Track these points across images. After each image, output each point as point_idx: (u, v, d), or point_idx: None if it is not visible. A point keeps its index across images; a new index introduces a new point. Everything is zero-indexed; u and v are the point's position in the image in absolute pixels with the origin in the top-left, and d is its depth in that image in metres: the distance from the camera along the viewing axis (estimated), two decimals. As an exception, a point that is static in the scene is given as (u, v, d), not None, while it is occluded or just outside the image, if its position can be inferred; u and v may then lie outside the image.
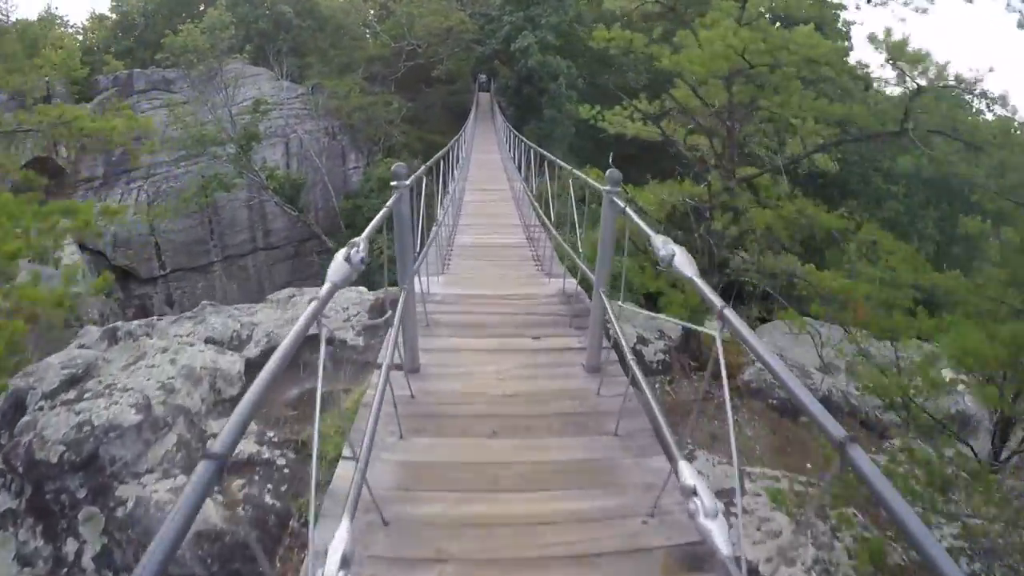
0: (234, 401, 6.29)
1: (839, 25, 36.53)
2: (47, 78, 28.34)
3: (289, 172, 25.63)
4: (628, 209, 3.46)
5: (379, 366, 3.63)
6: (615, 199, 3.71)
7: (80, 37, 43.61)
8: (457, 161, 13.63)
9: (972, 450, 6.20)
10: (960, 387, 6.15)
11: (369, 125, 28.85)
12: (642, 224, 3.03)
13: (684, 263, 2.37)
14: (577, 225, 6.01)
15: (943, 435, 6.17)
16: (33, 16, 46.29)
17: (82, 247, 27.43)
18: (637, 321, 9.80)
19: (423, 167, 5.17)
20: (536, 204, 8.96)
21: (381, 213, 3.16)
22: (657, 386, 8.33)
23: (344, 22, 38.30)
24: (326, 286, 2.02)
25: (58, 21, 45.66)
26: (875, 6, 9.74)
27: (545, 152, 8.95)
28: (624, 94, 34.92)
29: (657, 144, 35.13)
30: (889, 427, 9.00)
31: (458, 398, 3.95)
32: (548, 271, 7.22)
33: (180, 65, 26.59)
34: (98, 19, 46.22)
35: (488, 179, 16.74)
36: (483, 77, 39.02)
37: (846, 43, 36.94)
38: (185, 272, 27.62)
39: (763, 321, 34.34)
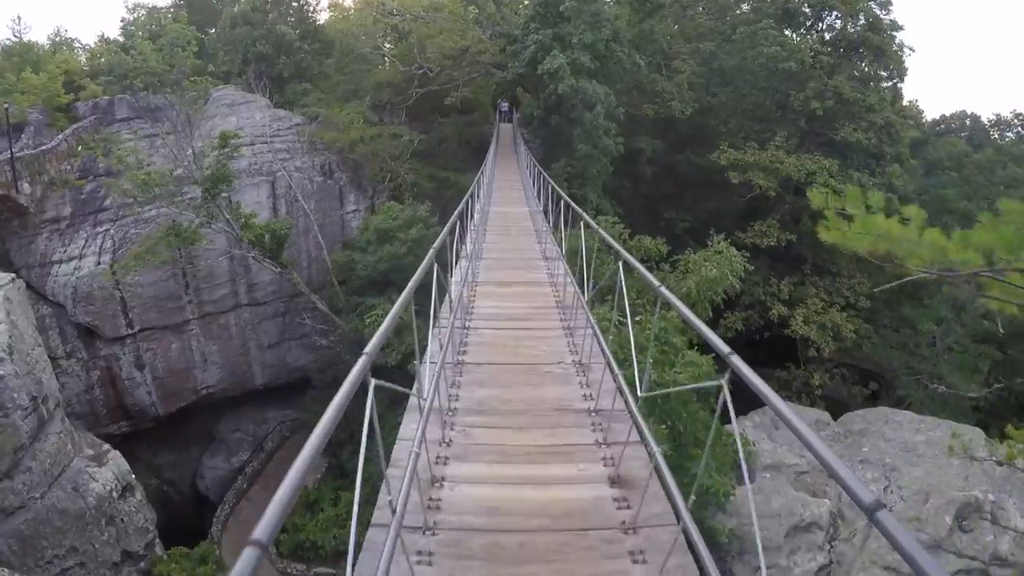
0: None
1: (895, 45, 32.53)
2: (7, 104, 24.78)
3: (272, 220, 21.52)
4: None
5: None
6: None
7: (87, 60, 40.93)
8: (464, 237, 9.45)
9: None
10: None
11: (373, 161, 24.81)
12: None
13: None
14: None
15: None
16: (43, 39, 44.13)
17: (39, 296, 23.88)
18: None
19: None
20: (623, 384, 4.47)
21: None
22: None
23: (353, 46, 34.77)
24: None
25: (75, 43, 43.33)
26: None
27: (636, 266, 4.87)
28: (664, 126, 30.94)
29: (700, 182, 30.95)
30: None
31: None
32: None
33: (130, 91, 22.83)
34: (105, 43, 43.77)
35: (513, 256, 11.72)
36: (504, 106, 35.12)
37: (902, 62, 32.91)
38: (156, 331, 23.73)
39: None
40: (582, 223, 8.22)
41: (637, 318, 11.22)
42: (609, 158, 25.22)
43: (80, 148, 27.58)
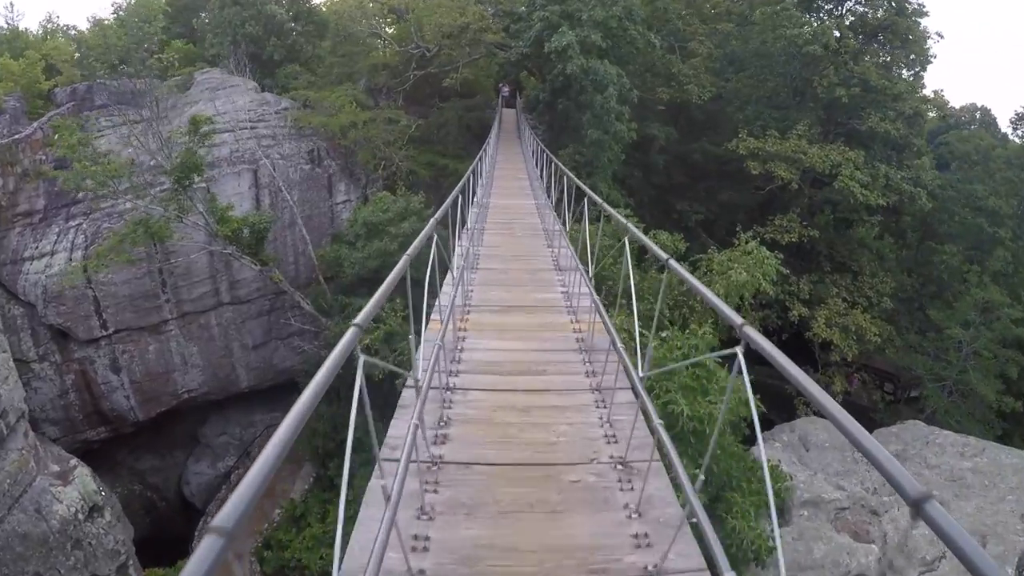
0: None
1: (920, 31, 30.32)
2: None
3: (253, 212, 19.64)
4: None
5: None
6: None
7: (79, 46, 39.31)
8: (453, 241, 7.23)
9: None
10: None
11: (365, 147, 22.92)
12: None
13: None
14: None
15: None
16: (34, 25, 42.60)
17: (10, 295, 22.34)
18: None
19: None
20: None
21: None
22: None
23: (350, 28, 32.86)
24: None
25: (70, 30, 41.64)
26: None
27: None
28: (676, 112, 29.03)
29: (715, 172, 28.96)
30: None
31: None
32: None
33: (85, 71, 21.06)
34: (98, 27, 42.12)
35: (517, 266, 8.98)
36: (506, 90, 33.04)
37: (926, 50, 30.72)
38: (132, 332, 22.10)
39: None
40: (615, 227, 6.33)
41: (663, 333, 9.44)
42: (621, 145, 23.24)
43: (56, 137, 25.97)
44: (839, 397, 24.67)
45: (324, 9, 36.58)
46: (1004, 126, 49.94)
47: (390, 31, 34.43)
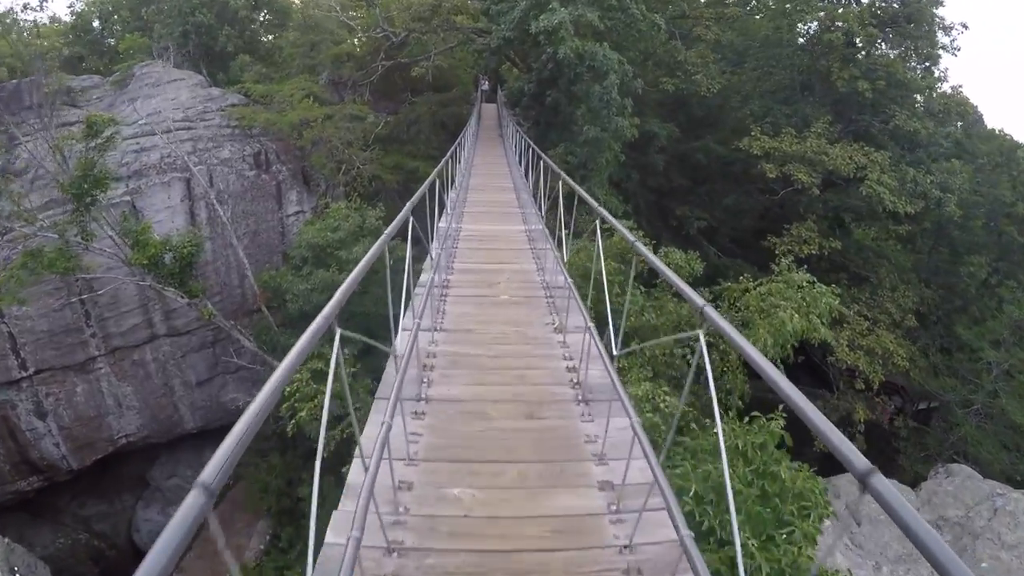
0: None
1: (936, 20, 27.21)
2: None
3: (175, 233, 16.23)
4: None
5: None
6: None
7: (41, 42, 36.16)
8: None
9: None
10: None
11: (321, 149, 19.70)
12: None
13: None
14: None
15: None
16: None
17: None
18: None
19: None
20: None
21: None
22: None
23: (315, 17, 29.58)
24: None
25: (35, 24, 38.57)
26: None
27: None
28: (674, 107, 25.76)
29: (718, 173, 25.67)
30: None
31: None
32: None
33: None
34: (55, 23, 39.14)
35: (505, 393, 4.58)
36: (485, 84, 29.81)
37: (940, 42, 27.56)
38: (56, 372, 18.97)
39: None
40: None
41: (722, 425, 6.44)
42: (621, 144, 20.04)
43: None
44: (860, 427, 21.40)
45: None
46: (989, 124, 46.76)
47: (358, 19, 31.24)
